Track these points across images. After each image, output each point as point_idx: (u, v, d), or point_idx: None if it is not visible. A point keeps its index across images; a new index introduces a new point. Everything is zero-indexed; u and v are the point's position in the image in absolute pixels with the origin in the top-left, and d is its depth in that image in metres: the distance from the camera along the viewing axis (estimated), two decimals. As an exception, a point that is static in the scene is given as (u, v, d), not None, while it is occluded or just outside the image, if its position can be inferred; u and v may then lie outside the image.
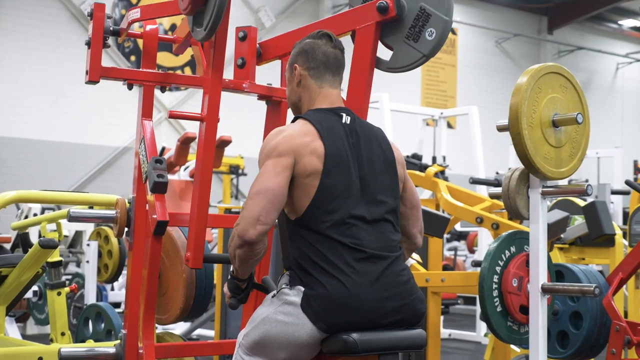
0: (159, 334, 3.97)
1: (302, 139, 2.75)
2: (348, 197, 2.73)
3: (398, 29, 3.20)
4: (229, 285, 2.87)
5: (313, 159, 2.72)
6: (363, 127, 2.91)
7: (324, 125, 2.79)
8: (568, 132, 3.51)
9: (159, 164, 3.19)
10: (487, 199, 5.33)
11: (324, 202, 2.70)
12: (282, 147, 2.73)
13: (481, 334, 8.67)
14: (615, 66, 23.10)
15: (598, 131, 19.95)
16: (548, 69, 3.48)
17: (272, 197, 2.66)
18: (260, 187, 2.68)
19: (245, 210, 2.67)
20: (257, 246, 2.66)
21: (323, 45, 2.94)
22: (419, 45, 3.15)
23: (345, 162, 2.76)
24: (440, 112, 10.30)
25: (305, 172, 2.71)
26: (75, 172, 14.31)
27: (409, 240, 3.06)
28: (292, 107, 3.04)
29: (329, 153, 2.74)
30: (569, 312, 3.93)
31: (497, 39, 20.39)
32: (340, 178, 2.74)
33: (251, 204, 2.66)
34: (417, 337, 2.76)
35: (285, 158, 2.72)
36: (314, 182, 2.71)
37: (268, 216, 2.65)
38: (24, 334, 7.85)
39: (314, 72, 2.93)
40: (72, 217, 3.66)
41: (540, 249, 3.49)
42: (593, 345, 3.90)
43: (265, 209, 2.65)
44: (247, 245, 2.65)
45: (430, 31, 3.13)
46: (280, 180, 2.69)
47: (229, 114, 13.62)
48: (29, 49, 13.94)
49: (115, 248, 6.23)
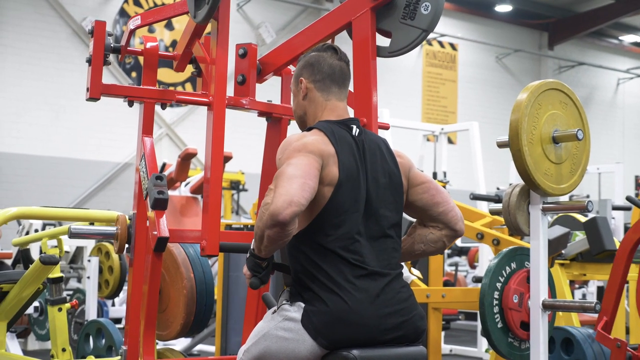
0: (160, 350, 3.97)
1: (325, 146, 2.73)
2: (355, 212, 2.73)
3: (393, 11, 3.22)
4: (249, 264, 2.73)
5: (334, 169, 2.70)
6: (369, 139, 2.89)
7: (337, 137, 2.77)
8: (568, 148, 3.52)
9: (159, 181, 3.19)
10: (488, 215, 5.33)
11: (331, 215, 2.69)
12: (311, 147, 2.69)
13: (482, 350, 8.64)
14: (616, 82, 23.14)
15: (599, 147, 20.02)
16: (548, 85, 3.49)
17: (306, 180, 2.58)
18: (295, 171, 2.59)
19: (279, 188, 2.55)
20: (289, 227, 2.53)
21: (329, 58, 2.94)
22: (417, 22, 3.16)
23: (356, 176, 2.75)
24: (441, 127, 10.30)
25: (326, 181, 2.68)
26: (76, 187, 14.31)
27: (447, 227, 2.99)
28: (298, 121, 3.03)
29: (343, 166, 2.73)
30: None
31: (498, 54, 20.43)
32: (350, 192, 2.73)
33: (286, 184, 2.55)
34: (418, 354, 2.76)
35: (316, 158, 2.67)
36: (328, 193, 2.69)
37: (303, 195, 2.55)
38: (25, 350, 7.84)
39: (320, 85, 2.92)
40: (73, 234, 3.67)
41: (541, 265, 3.49)
42: None
43: (300, 189, 2.55)
44: (280, 226, 2.51)
45: (425, 5, 3.14)
46: (314, 170, 2.63)
47: (230, 130, 13.61)
48: (30, 64, 13.98)
49: (116, 264, 6.23)
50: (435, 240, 2.99)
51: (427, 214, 2.98)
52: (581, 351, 3.89)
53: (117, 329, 4.36)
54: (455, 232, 2.99)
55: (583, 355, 3.88)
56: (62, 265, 7.76)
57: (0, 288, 4.21)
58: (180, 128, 15.26)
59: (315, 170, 2.65)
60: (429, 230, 3.00)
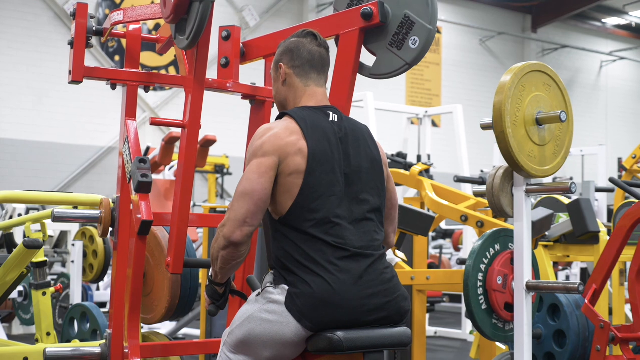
0: (145, 334, 3.97)
1: (288, 137, 2.75)
2: (331, 196, 2.74)
3: (382, 35, 3.20)
4: (208, 292, 2.90)
5: (297, 159, 2.72)
6: (350, 125, 2.91)
7: (309, 123, 2.79)
8: (552, 130, 3.53)
9: (143, 164, 3.19)
10: (472, 198, 5.34)
11: (307, 201, 2.71)
12: (267, 146, 2.74)
13: (467, 332, 8.70)
14: (600, 64, 23.21)
15: (582, 129, 20.10)
16: (531, 67, 3.49)
17: (257, 200, 2.69)
18: (246, 189, 2.70)
19: (231, 211, 2.70)
20: (242, 247, 2.70)
21: (308, 44, 2.95)
22: (402, 53, 3.15)
23: (329, 161, 2.76)
24: (425, 110, 10.30)
25: (288, 171, 2.72)
26: (60, 172, 14.26)
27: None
28: (278, 106, 3.04)
29: (312, 152, 2.74)
30: (551, 333, 3.96)
31: (482, 37, 20.45)
32: (324, 177, 2.74)
33: (237, 206, 2.69)
34: (402, 335, 2.77)
35: (270, 158, 2.72)
36: (297, 181, 2.71)
37: (254, 218, 2.69)
38: (9, 335, 7.83)
39: (299, 71, 2.93)
40: (57, 218, 3.65)
41: (524, 247, 3.51)
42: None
43: (251, 211, 2.68)
44: (233, 246, 2.68)
45: (413, 39, 3.13)
46: (265, 181, 2.70)
47: (214, 114, 13.61)
48: (12, 49, 13.88)
49: (100, 248, 6.21)
50: None
51: None
52: (566, 320, 3.92)
53: (101, 313, 4.35)
54: (387, 244, 3.07)
55: (567, 324, 3.91)
56: (46, 250, 7.73)
57: (-16, 272, 4.20)
58: (164, 112, 15.21)
59: (269, 174, 2.71)
60: None
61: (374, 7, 3.12)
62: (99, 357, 3.53)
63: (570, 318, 3.92)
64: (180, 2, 2.99)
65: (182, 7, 3.01)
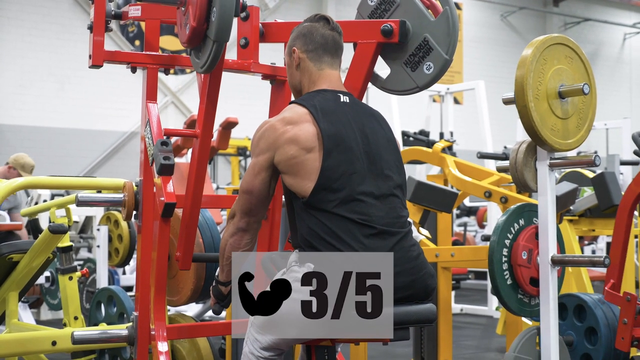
0: (171, 316, 3.99)
1: (282, 128, 2.79)
2: (353, 174, 2.74)
3: (399, 52, 3.26)
4: (213, 292, 3.04)
5: (291, 147, 2.76)
6: (363, 108, 2.94)
7: (319, 107, 2.81)
8: (575, 103, 3.50)
9: (164, 146, 3.18)
10: (495, 173, 5.31)
11: (328, 182, 2.72)
12: (262, 144, 2.83)
13: (492, 308, 8.69)
14: (623, 37, 22.98)
15: (606, 102, 19.96)
16: (553, 40, 3.46)
17: (256, 196, 2.85)
18: (248, 187, 2.86)
19: (237, 205, 2.88)
20: (247, 235, 2.87)
21: (321, 28, 2.96)
22: (416, 75, 3.20)
23: (346, 140, 2.77)
24: (447, 87, 10.24)
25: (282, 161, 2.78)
26: (83, 158, 14.34)
27: None
28: (293, 91, 3.06)
29: (326, 134, 2.75)
30: (582, 333, 3.93)
31: (503, 12, 20.30)
32: (343, 156, 2.75)
33: (242, 200, 2.86)
34: (428, 311, 2.77)
35: (263, 156, 2.82)
36: (315, 164, 2.73)
37: (257, 210, 2.87)
38: (38, 320, 7.90)
39: (312, 55, 2.95)
40: (80, 202, 3.67)
41: (549, 221, 3.49)
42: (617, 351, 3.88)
43: (253, 205, 2.85)
44: (241, 231, 2.86)
45: (428, 65, 3.17)
46: (259, 181, 2.84)
47: (234, 95, 13.61)
48: (33, 36, 13.95)
49: (125, 232, 6.25)
50: None
51: None
52: (593, 316, 3.90)
53: (127, 296, 4.37)
54: None
55: (595, 319, 3.89)
56: (71, 235, 7.79)
57: (11, 258, 4.22)
58: (186, 96, 15.23)
59: (263, 174, 2.83)
60: None
61: (395, 25, 3.18)
62: (126, 339, 3.55)
63: (596, 311, 3.90)
64: (194, 36, 2.99)
65: (196, 39, 3.02)
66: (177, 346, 3.88)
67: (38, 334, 4.11)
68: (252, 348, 2.79)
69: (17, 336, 4.10)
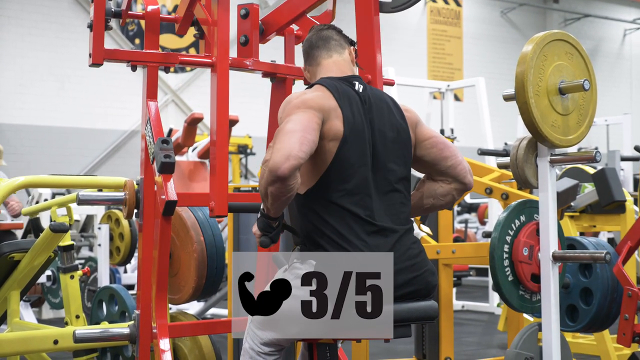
0: (173, 314, 3.99)
1: (328, 101, 2.75)
2: (362, 166, 2.74)
3: None
4: (260, 224, 2.74)
5: (338, 123, 2.72)
6: (374, 94, 2.91)
7: (340, 91, 2.79)
8: (575, 99, 3.50)
9: (165, 145, 3.18)
10: (496, 170, 5.31)
11: (339, 170, 2.71)
12: (311, 102, 2.72)
13: (494, 305, 8.69)
14: (623, 32, 22.95)
15: (607, 99, 19.92)
16: (553, 37, 3.46)
17: (304, 134, 2.59)
18: (294, 126, 2.61)
19: (277, 144, 2.56)
20: (289, 181, 2.54)
21: (310, 38, 3.04)
22: None
23: (360, 130, 2.77)
24: (447, 84, 10.24)
25: (329, 135, 2.71)
26: (84, 157, 14.33)
27: (456, 180, 3.01)
28: None
29: (347, 120, 2.74)
30: (579, 287, 3.94)
31: (503, 9, 20.28)
32: (357, 147, 2.74)
33: (285, 138, 2.56)
34: (429, 308, 2.78)
35: (316, 112, 2.69)
36: (333, 148, 2.71)
37: (301, 149, 2.55)
38: (39, 319, 7.91)
39: (310, 60, 3.04)
40: (81, 200, 3.66)
41: (550, 217, 3.49)
42: (603, 321, 3.91)
43: (299, 142, 2.55)
44: (280, 181, 2.52)
45: None
46: (313, 124, 2.65)
47: (235, 94, 13.56)
48: (33, 35, 13.94)
49: (126, 230, 6.25)
50: (445, 193, 3.00)
51: (435, 168, 2.99)
52: (596, 280, 3.90)
53: (129, 295, 4.37)
54: (464, 185, 3.00)
55: (597, 284, 3.89)
56: (73, 234, 7.79)
57: (12, 257, 4.22)
58: (186, 94, 15.22)
59: (315, 124, 2.65)
60: (438, 184, 3.01)
61: None
62: (127, 338, 3.55)
63: (600, 278, 3.89)
64: None
65: None
66: (178, 344, 3.88)
67: (40, 333, 4.11)
68: (253, 343, 2.80)
69: (19, 335, 4.10)
